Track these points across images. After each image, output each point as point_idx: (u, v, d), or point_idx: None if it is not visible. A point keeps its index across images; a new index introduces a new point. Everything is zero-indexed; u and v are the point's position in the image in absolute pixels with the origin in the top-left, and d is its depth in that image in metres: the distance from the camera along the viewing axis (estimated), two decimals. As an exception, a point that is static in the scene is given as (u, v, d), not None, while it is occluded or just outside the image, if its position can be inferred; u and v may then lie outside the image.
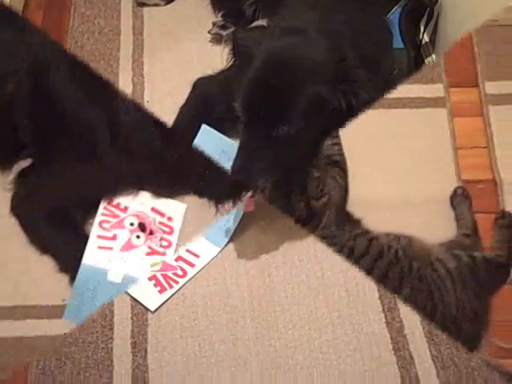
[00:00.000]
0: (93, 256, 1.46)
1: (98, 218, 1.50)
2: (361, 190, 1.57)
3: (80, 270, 1.44)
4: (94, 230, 1.48)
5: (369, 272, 1.36)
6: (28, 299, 1.46)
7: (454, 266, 1.39)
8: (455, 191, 1.56)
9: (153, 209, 1.53)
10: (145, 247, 1.50)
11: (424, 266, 1.38)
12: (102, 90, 1.34)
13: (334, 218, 1.42)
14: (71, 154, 1.40)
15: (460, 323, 1.34)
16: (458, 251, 1.43)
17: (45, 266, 1.48)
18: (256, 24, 1.62)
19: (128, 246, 1.49)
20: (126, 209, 1.52)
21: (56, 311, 1.45)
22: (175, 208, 1.53)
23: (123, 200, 1.52)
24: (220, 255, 1.46)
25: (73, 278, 1.46)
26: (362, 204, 1.54)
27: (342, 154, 1.55)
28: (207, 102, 1.45)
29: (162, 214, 1.53)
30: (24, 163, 1.52)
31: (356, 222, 1.48)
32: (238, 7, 1.60)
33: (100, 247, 1.47)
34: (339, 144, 1.56)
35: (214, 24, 1.73)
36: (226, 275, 1.46)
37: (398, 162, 1.62)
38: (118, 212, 1.51)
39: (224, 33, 1.73)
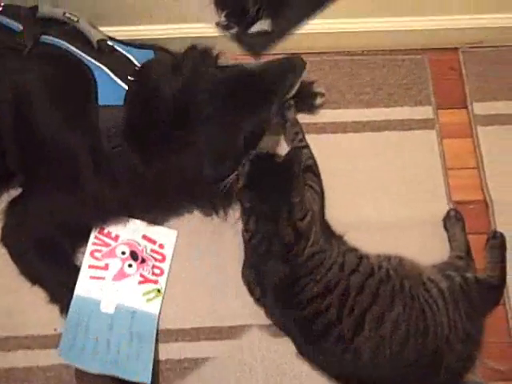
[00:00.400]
0: (85, 286, 1.45)
1: (90, 247, 1.49)
2: (351, 213, 1.58)
3: (72, 301, 1.42)
4: (86, 260, 1.48)
5: (360, 290, 1.35)
6: (20, 329, 1.46)
7: (446, 286, 1.39)
8: (448, 213, 1.56)
9: (144, 236, 1.52)
10: (137, 276, 1.49)
11: (416, 286, 1.38)
12: (82, 115, 1.33)
13: (320, 232, 1.42)
14: (55, 183, 1.39)
15: (452, 343, 1.34)
16: (451, 272, 1.43)
17: (36, 295, 1.47)
18: (259, 25, 1.60)
19: (120, 276, 1.49)
20: (117, 237, 1.51)
21: (48, 341, 1.45)
22: (166, 235, 1.53)
23: (114, 228, 1.51)
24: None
25: (64, 309, 1.45)
26: (353, 226, 1.53)
27: (312, 157, 1.56)
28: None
29: (153, 242, 1.52)
30: (14, 192, 1.52)
31: (340, 238, 1.48)
32: (241, 6, 1.59)
33: (92, 277, 1.46)
34: (307, 147, 1.57)
35: (217, 24, 1.71)
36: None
37: (388, 184, 1.62)
38: (109, 241, 1.51)
39: (227, 33, 1.73)
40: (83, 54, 1.35)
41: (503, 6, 1.68)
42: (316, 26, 1.72)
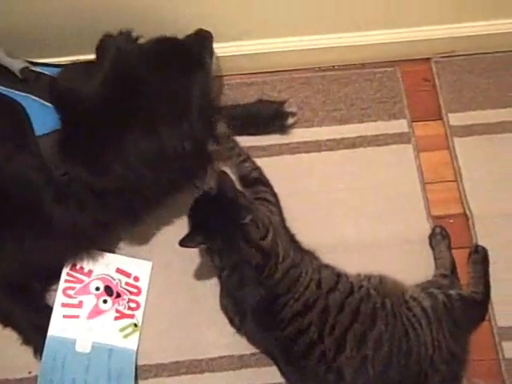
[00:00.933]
0: (59, 326, 1.41)
1: (62, 284, 1.45)
2: (330, 234, 1.55)
3: (47, 341, 1.39)
4: (58, 298, 1.44)
5: (340, 309, 1.32)
6: (-6, 374, 1.42)
7: (430, 304, 1.36)
8: (434, 230, 1.53)
9: (118, 270, 1.48)
10: (113, 311, 1.45)
11: (398, 305, 1.35)
12: (25, 152, 1.28)
13: (288, 243, 1.40)
14: (20, 225, 1.34)
15: (437, 364, 1.31)
16: (433, 289, 1.40)
17: (9, 339, 1.43)
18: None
19: (95, 313, 1.45)
20: (90, 272, 1.47)
21: (24, 384, 1.41)
22: (141, 266, 1.49)
23: (86, 264, 1.47)
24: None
25: (37, 351, 1.41)
26: (332, 247, 1.51)
27: (256, 168, 1.54)
28: None
29: (127, 275, 1.48)
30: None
31: (311, 253, 1.46)
32: None
33: (66, 316, 1.42)
34: (248, 159, 1.54)
35: None
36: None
37: (366, 202, 1.59)
38: (82, 277, 1.47)
39: None
40: (7, 89, 1.30)
41: (473, 14, 1.65)
42: (284, 43, 1.69)
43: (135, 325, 1.45)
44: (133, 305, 1.46)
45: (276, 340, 1.35)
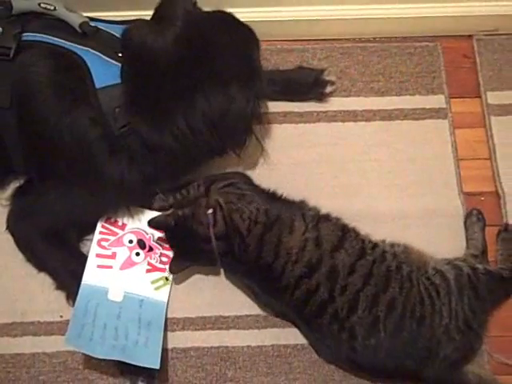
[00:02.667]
0: (93, 275, 1.43)
1: (97, 236, 1.47)
2: (360, 202, 1.56)
3: (80, 289, 1.41)
4: (93, 249, 1.46)
5: (351, 270, 1.33)
6: (26, 316, 1.46)
7: (453, 275, 1.37)
8: (470, 212, 1.53)
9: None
10: (145, 264, 1.48)
11: (417, 273, 1.36)
12: (84, 103, 1.29)
13: (252, 211, 1.38)
14: (70, 176, 1.37)
15: (451, 333, 1.32)
16: (460, 262, 1.41)
17: (42, 282, 1.47)
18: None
19: (128, 264, 1.47)
20: (124, 226, 1.50)
21: (54, 327, 1.45)
22: None
23: (120, 217, 1.49)
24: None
25: (70, 295, 1.45)
26: (362, 216, 1.51)
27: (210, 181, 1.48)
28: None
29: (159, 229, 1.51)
30: (20, 181, 1.51)
31: (303, 206, 1.45)
32: None
33: (99, 266, 1.45)
34: (230, 185, 1.47)
35: None
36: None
37: (398, 174, 1.59)
38: (116, 230, 1.49)
39: None
40: (68, 43, 1.32)
41: (520, -8, 1.64)
42: (327, 12, 1.70)
43: (166, 278, 1.47)
44: (164, 259, 1.49)
45: (288, 303, 1.37)
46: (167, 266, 1.48)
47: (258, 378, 1.41)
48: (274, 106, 1.64)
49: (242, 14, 1.67)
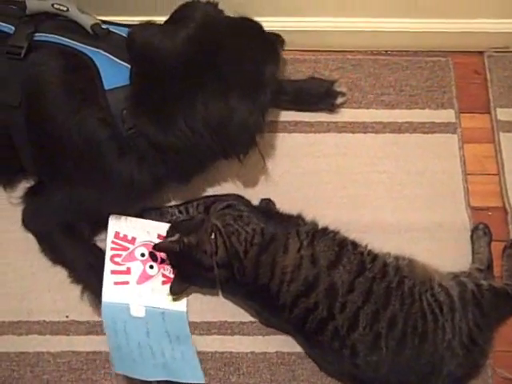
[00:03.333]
0: (112, 293, 1.41)
1: (108, 252, 1.45)
2: (368, 214, 1.57)
3: (102, 309, 1.40)
4: (107, 266, 1.43)
5: (350, 288, 1.33)
6: (32, 315, 1.47)
7: (457, 291, 1.37)
8: (477, 226, 1.53)
9: (159, 236, 1.50)
10: (160, 276, 1.47)
11: (421, 288, 1.35)
12: (93, 104, 1.31)
13: (248, 232, 1.39)
14: (79, 176, 1.38)
15: (454, 349, 1.32)
16: (464, 278, 1.41)
17: (49, 282, 1.48)
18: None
19: (144, 278, 1.46)
20: (133, 239, 1.49)
21: (60, 327, 1.46)
22: None
23: (129, 231, 1.48)
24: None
25: (86, 288, 1.46)
26: (369, 227, 1.54)
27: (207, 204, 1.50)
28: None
29: None
30: (30, 181, 1.52)
31: (298, 222, 1.45)
32: None
33: (116, 283, 1.43)
34: (228, 207, 1.46)
35: None
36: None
37: (406, 186, 1.60)
38: (126, 244, 1.48)
39: None
40: (79, 44, 1.33)
41: (531, 11, 1.66)
42: (340, 23, 1.71)
43: None
44: None
45: (287, 321, 1.37)
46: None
47: (261, 385, 1.42)
48: (285, 115, 1.66)
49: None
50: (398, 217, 1.57)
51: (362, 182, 1.60)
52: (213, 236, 1.36)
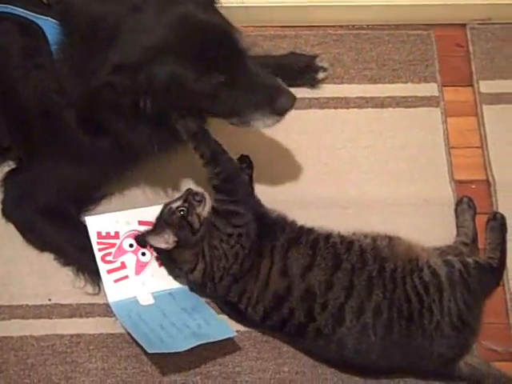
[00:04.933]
0: (115, 292, 1.42)
1: (97, 254, 1.43)
2: (351, 189, 1.56)
3: (114, 310, 1.40)
4: (101, 267, 1.42)
5: (328, 286, 1.30)
6: (15, 299, 1.45)
7: (445, 272, 1.35)
8: (461, 199, 1.52)
9: (140, 222, 1.48)
10: (154, 261, 1.46)
11: (404, 269, 1.33)
12: (45, 71, 1.30)
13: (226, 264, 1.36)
14: (49, 147, 1.37)
15: (444, 329, 1.31)
16: (451, 257, 1.39)
17: (31, 265, 1.47)
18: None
19: (140, 267, 1.45)
20: (117, 234, 1.47)
21: (43, 311, 1.44)
22: (157, 212, 1.46)
23: (110, 228, 1.46)
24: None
25: (80, 269, 1.45)
26: (353, 203, 1.53)
27: (229, 172, 1.38)
28: None
29: (150, 224, 1.45)
30: (11, 163, 1.51)
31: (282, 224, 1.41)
32: None
33: (116, 280, 1.43)
34: (219, 163, 1.36)
35: None
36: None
37: (390, 161, 1.59)
38: (111, 241, 1.46)
39: None
40: (29, 12, 1.32)
41: (513, -19, 1.65)
42: (320, -2, 1.69)
43: None
44: None
45: (265, 328, 1.38)
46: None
47: (247, 363, 1.41)
48: (266, 92, 1.64)
49: (235, -1, 1.67)
50: (382, 192, 1.56)
51: (345, 158, 1.59)
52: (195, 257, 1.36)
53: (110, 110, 1.23)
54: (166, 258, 1.41)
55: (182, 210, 1.37)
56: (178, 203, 1.38)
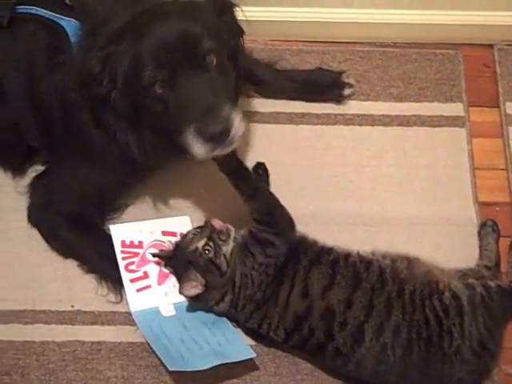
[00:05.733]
0: (138, 301, 1.43)
1: (121, 263, 1.44)
2: (374, 208, 1.56)
3: (135, 319, 1.41)
4: (124, 276, 1.43)
5: (348, 304, 1.30)
6: (37, 304, 1.47)
7: (466, 295, 1.33)
8: (485, 222, 1.52)
9: (163, 232, 1.50)
10: None
11: (422, 292, 1.32)
12: (66, 71, 1.33)
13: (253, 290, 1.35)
14: (69, 148, 1.40)
15: (464, 354, 1.29)
16: (473, 280, 1.38)
17: (55, 271, 1.49)
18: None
19: (162, 278, 1.46)
20: (140, 243, 1.48)
21: (65, 317, 1.46)
22: (180, 223, 1.50)
23: (134, 237, 1.47)
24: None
25: (103, 277, 1.47)
26: (376, 221, 1.53)
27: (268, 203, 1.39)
28: None
29: (173, 234, 1.50)
30: (38, 167, 1.53)
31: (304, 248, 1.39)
32: None
33: (139, 290, 1.43)
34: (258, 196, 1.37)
35: None
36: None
37: (413, 180, 1.59)
38: (135, 250, 1.46)
39: None
40: (53, 14, 1.36)
41: (543, 3, 1.64)
42: (348, 15, 1.71)
43: None
44: None
45: (286, 347, 1.38)
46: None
47: (265, 378, 1.41)
48: (292, 107, 1.66)
49: (265, 13, 1.70)
50: (405, 211, 1.56)
51: (369, 176, 1.60)
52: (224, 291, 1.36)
53: (92, 100, 1.26)
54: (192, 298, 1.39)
55: (208, 250, 1.34)
56: (202, 242, 1.35)
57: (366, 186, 1.58)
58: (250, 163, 1.55)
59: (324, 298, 1.32)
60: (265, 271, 1.34)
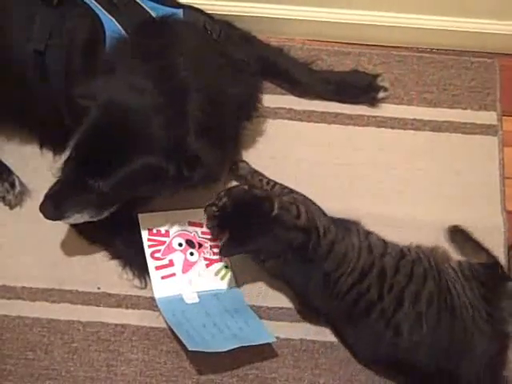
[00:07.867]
0: (162, 288, 1.45)
1: (147, 250, 1.47)
2: (402, 211, 1.57)
3: (159, 305, 1.43)
4: (150, 264, 1.47)
5: (395, 271, 1.36)
6: (64, 283, 1.49)
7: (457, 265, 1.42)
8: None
9: (190, 223, 1.53)
10: (202, 260, 1.49)
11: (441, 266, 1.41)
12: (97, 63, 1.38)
13: (328, 220, 1.42)
14: None
15: (478, 323, 1.34)
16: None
17: (82, 253, 1.51)
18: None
19: (188, 266, 1.48)
20: (167, 233, 1.50)
21: (91, 298, 1.48)
22: None
23: (160, 225, 1.50)
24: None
25: (126, 264, 1.50)
26: (404, 223, 1.54)
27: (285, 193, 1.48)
28: None
29: (200, 225, 1.52)
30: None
31: (356, 223, 1.48)
32: None
33: (164, 277, 1.46)
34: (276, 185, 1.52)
35: None
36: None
37: (442, 185, 1.60)
38: (162, 238, 1.49)
39: None
40: (98, 6, 1.40)
41: None
42: (387, 18, 1.72)
43: (226, 266, 1.49)
44: (216, 250, 1.50)
45: (337, 307, 1.39)
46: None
47: (284, 370, 1.42)
48: (326, 106, 1.67)
49: (304, 13, 1.72)
50: (433, 215, 1.56)
51: (398, 178, 1.60)
52: (303, 209, 1.38)
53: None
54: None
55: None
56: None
57: (395, 189, 1.59)
58: (278, 159, 1.59)
59: (382, 260, 1.37)
60: None
